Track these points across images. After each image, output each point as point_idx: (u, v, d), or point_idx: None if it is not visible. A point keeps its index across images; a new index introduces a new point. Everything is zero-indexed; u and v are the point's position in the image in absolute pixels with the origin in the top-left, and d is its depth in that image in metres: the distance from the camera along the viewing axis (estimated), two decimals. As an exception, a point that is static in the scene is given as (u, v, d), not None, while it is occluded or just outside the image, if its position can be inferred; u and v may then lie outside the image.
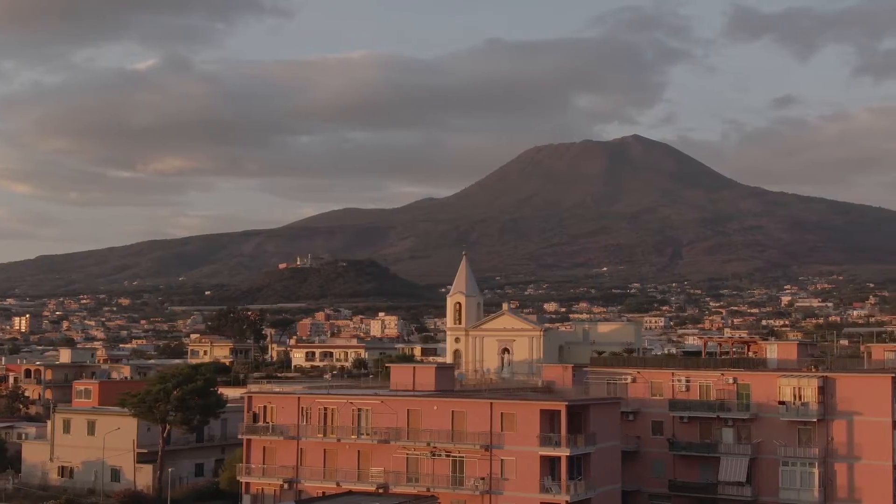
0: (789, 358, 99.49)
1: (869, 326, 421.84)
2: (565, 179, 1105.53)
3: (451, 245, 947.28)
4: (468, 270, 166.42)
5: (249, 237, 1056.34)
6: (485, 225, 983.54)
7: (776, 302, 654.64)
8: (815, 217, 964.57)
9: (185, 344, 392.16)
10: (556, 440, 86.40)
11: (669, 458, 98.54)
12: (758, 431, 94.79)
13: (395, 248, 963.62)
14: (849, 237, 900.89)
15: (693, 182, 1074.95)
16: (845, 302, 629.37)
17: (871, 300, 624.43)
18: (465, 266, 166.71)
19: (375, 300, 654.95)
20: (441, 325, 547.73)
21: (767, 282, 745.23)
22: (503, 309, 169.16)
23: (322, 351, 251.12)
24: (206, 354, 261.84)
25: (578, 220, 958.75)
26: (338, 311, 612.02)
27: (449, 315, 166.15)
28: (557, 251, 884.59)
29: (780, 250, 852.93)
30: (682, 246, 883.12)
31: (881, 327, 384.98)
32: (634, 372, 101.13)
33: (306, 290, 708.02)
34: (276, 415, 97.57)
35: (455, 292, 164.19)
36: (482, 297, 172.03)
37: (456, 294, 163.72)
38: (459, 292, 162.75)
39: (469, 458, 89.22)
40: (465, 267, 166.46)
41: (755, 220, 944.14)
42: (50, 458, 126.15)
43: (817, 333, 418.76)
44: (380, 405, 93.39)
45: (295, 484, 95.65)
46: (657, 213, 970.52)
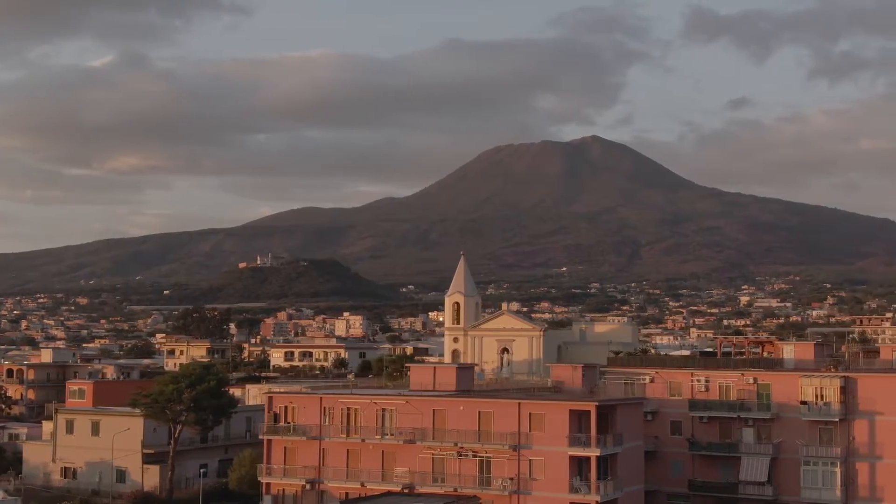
0: (806, 358, 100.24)
1: (831, 326, 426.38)
2: (525, 180, 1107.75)
3: (411, 245, 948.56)
4: (466, 270, 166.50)
5: (207, 236, 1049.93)
6: (445, 225, 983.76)
7: (735, 302, 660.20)
8: (772, 218, 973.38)
9: (151, 343, 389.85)
10: (585, 440, 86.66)
11: (688, 458, 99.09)
12: (778, 431, 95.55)
13: (355, 247, 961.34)
14: (805, 238, 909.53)
15: (651, 183, 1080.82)
16: (804, 302, 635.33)
17: (829, 300, 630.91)
18: (464, 266, 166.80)
19: (337, 300, 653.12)
20: (406, 324, 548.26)
21: (725, 282, 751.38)
22: (503, 309, 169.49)
23: (301, 351, 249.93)
24: (181, 354, 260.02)
25: (538, 221, 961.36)
26: (300, 311, 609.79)
27: (447, 315, 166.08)
28: (517, 251, 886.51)
29: (737, 251, 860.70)
30: (640, 246, 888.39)
31: (847, 327, 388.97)
32: (653, 372, 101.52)
33: (267, 289, 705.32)
34: (298, 415, 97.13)
35: (453, 292, 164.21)
36: (478, 297, 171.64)
37: (454, 294, 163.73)
38: (458, 292, 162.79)
39: (496, 458, 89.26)
40: (464, 267, 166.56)
41: (712, 220, 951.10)
42: (52, 459, 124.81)
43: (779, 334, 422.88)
44: (404, 405, 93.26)
45: (317, 484, 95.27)
46: (616, 213, 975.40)
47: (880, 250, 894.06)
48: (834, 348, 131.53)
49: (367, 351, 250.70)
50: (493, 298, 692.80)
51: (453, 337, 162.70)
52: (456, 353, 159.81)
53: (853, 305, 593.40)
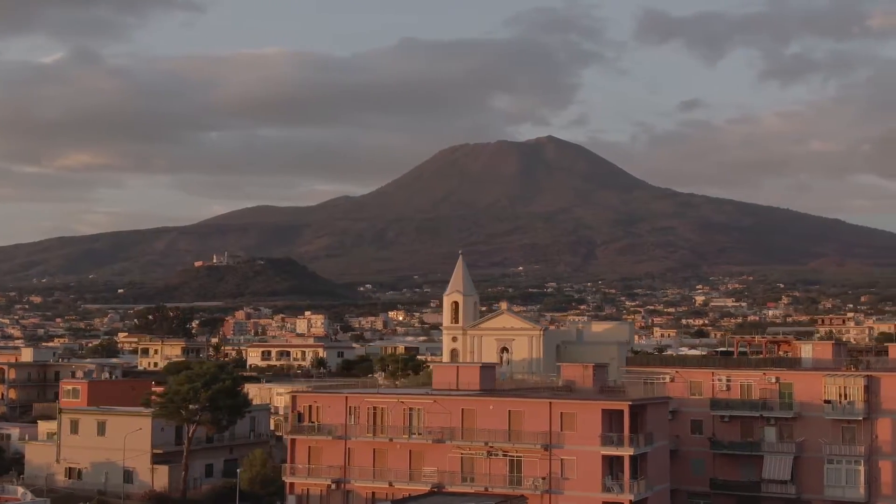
0: (824, 357, 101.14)
1: (791, 326, 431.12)
2: (481, 179, 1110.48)
3: (368, 244, 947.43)
4: (465, 270, 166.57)
5: (160, 234, 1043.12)
6: (401, 224, 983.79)
7: (689, 301, 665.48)
8: (724, 218, 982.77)
9: (115, 343, 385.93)
10: (617, 440, 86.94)
11: (709, 457, 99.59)
12: (800, 430, 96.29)
13: (311, 246, 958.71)
14: (757, 238, 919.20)
15: (606, 183, 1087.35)
16: (759, 302, 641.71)
17: (784, 300, 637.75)
18: (462, 265, 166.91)
19: (294, 299, 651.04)
20: (366, 324, 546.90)
21: (679, 282, 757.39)
22: (502, 308, 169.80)
23: (279, 350, 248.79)
24: (156, 354, 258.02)
25: (494, 220, 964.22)
26: (258, 310, 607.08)
27: (445, 314, 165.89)
28: (474, 250, 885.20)
29: (690, 251, 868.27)
30: (595, 246, 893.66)
31: (809, 327, 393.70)
32: (673, 371, 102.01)
33: (223, 288, 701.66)
34: (323, 414, 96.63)
35: (452, 291, 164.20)
36: (476, 296, 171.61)
37: (453, 293, 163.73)
38: (457, 291, 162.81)
39: (527, 457, 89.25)
40: (462, 266, 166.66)
41: (666, 221, 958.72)
42: (56, 460, 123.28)
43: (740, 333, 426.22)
44: (432, 404, 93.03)
45: (343, 484, 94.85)
46: (571, 213, 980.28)
47: (832, 251, 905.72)
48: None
49: (345, 350, 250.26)
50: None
51: (452, 336, 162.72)
52: (454, 352, 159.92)
53: (808, 305, 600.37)
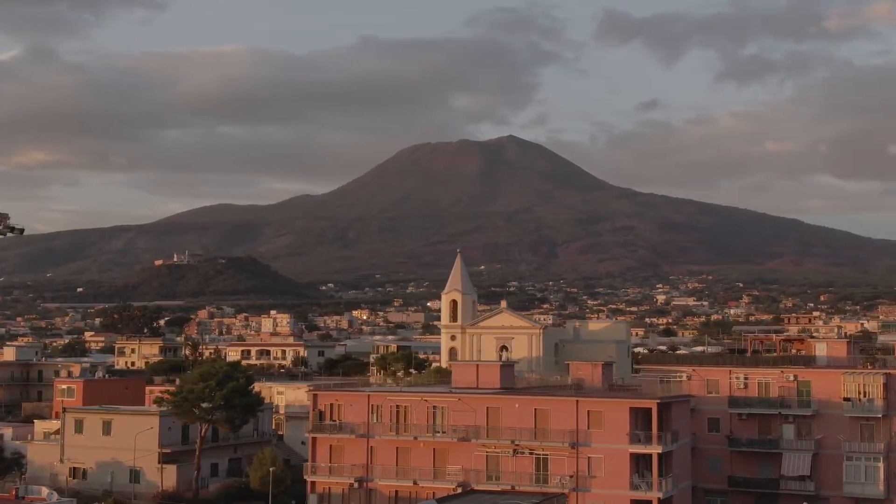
0: (838, 355, 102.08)
1: (755, 325, 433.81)
2: (443, 178, 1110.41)
3: (329, 242, 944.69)
4: (463, 268, 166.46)
5: (118, 233, 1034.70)
6: (363, 223, 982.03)
7: (651, 300, 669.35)
8: (684, 218, 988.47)
9: (83, 342, 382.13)
10: (645, 438, 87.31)
11: (726, 455, 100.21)
12: (818, 427, 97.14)
13: (272, 245, 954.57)
14: (716, 238, 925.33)
15: (566, 183, 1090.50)
16: (719, 301, 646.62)
17: (745, 299, 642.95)
18: (460, 264, 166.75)
19: (255, 298, 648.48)
20: (331, 322, 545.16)
21: (640, 281, 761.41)
22: (501, 307, 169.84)
23: (259, 349, 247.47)
24: (133, 353, 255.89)
25: (456, 219, 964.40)
26: (220, 309, 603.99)
27: (444, 313, 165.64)
28: (436, 249, 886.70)
29: (650, 250, 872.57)
30: (556, 245, 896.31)
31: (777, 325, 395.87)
32: (689, 370, 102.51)
33: (184, 287, 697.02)
34: (344, 413, 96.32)
35: (450, 290, 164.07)
36: (475, 294, 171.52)
37: (451, 292, 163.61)
38: (455, 290, 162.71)
39: (554, 455, 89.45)
40: (460, 265, 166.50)
41: (626, 220, 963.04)
42: (60, 460, 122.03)
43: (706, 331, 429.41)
44: (457, 403, 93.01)
45: (366, 483, 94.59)
46: (532, 212, 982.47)
47: (790, 250, 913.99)
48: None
49: (325, 349, 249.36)
50: (415, 297, 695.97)
51: (450, 335, 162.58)
52: (453, 350, 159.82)
53: (769, 304, 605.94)
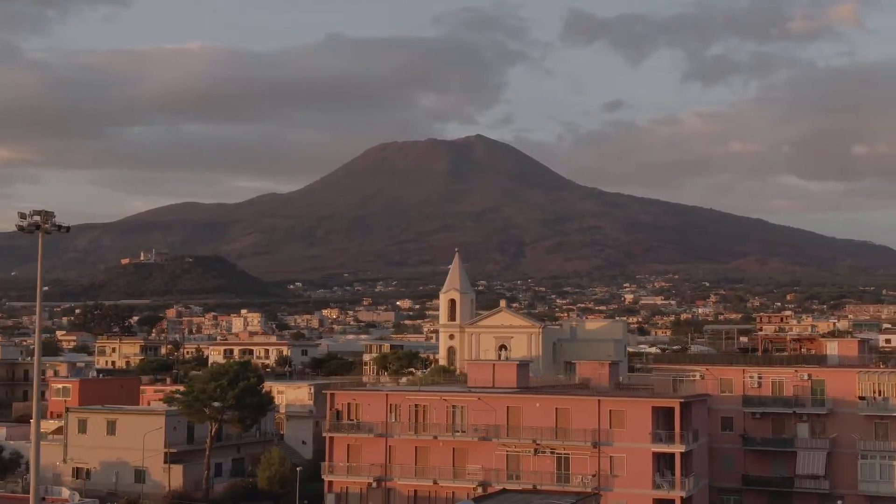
0: (849, 354, 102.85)
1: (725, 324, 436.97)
2: (411, 177, 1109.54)
3: (296, 241, 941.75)
4: (461, 267, 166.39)
5: (83, 231, 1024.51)
6: (331, 221, 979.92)
7: (619, 299, 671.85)
8: (650, 218, 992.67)
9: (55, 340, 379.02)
10: (667, 437, 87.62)
11: (740, 454, 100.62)
12: (832, 426, 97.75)
13: (239, 243, 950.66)
14: (682, 238, 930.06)
15: (534, 182, 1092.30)
16: (687, 300, 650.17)
17: (712, 298, 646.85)
18: (458, 263, 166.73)
19: (223, 297, 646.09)
20: (301, 322, 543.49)
21: (607, 280, 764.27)
22: (501, 306, 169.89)
23: (241, 349, 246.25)
24: (114, 352, 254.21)
25: (424, 218, 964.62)
26: (188, 308, 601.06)
27: (442, 312, 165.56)
28: (404, 248, 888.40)
29: (617, 250, 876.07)
30: (524, 245, 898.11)
31: (748, 325, 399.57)
32: (703, 369, 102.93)
33: (151, 285, 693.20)
34: (362, 412, 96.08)
35: (449, 289, 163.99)
36: (473, 294, 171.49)
37: (450, 291, 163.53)
38: (454, 289, 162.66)
39: (575, 455, 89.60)
40: (458, 264, 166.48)
41: (593, 220, 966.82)
42: (63, 460, 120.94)
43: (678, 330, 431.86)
44: (476, 402, 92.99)
45: (384, 482, 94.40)
46: (500, 212, 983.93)
47: (754, 250, 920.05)
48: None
49: (309, 348, 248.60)
50: (384, 296, 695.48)
51: (449, 334, 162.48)
52: (451, 349, 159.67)
53: (737, 303, 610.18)
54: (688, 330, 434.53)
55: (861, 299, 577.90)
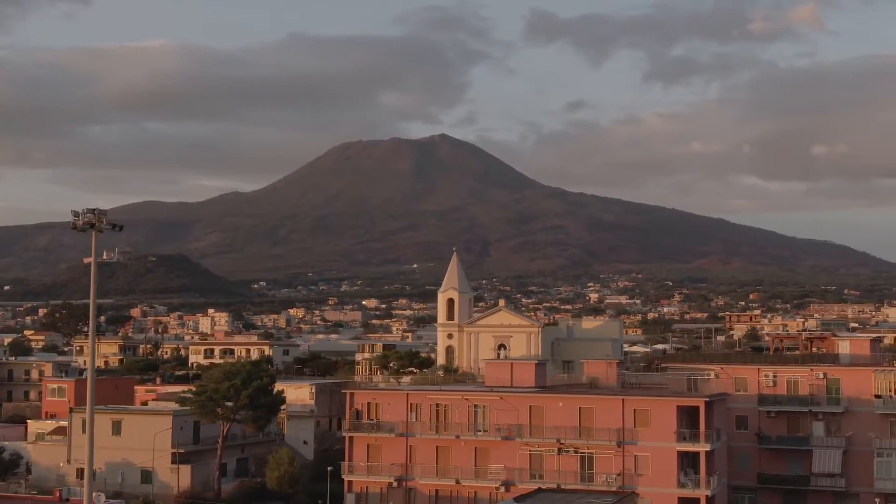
0: (862, 353, 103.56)
1: (692, 323, 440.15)
2: (375, 176, 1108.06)
3: (260, 240, 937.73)
4: (459, 267, 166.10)
5: (43, 230, 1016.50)
6: (294, 221, 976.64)
7: (584, 299, 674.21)
8: (613, 218, 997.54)
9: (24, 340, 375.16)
10: (691, 436, 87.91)
11: (755, 452, 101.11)
12: (847, 424, 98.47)
13: (201, 242, 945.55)
14: (644, 237, 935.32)
15: (498, 182, 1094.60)
16: (652, 299, 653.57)
17: (676, 297, 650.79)
18: (456, 262, 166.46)
19: (187, 296, 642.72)
20: (268, 321, 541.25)
21: (571, 279, 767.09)
22: (500, 305, 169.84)
23: (222, 348, 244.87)
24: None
25: (388, 218, 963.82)
26: (153, 308, 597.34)
27: (440, 311, 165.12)
28: (368, 248, 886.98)
29: (581, 249, 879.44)
30: (489, 244, 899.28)
31: (717, 323, 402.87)
32: (717, 368, 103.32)
33: (114, 285, 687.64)
34: (383, 412, 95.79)
35: (447, 288, 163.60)
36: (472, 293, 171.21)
37: (448, 290, 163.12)
38: (452, 288, 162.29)
39: (599, 454, 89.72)
40: (456, 263, 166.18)
41: (557, 219, 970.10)
42: (67, 460, 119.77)
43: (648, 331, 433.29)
44: (498, 402, 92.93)
45: (405, 482, 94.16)
46: (465, 211, 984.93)
47: (716, 249, 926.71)
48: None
49: (290, 348, 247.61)
50: (349, 295, 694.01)
51: (447, 333, 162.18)
52: (450, 349, 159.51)
53: (701, 302, 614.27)
54: (657, 329, 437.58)
55: (825, 299, 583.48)
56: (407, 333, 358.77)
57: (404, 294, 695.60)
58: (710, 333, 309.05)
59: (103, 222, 60.23)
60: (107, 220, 60.75)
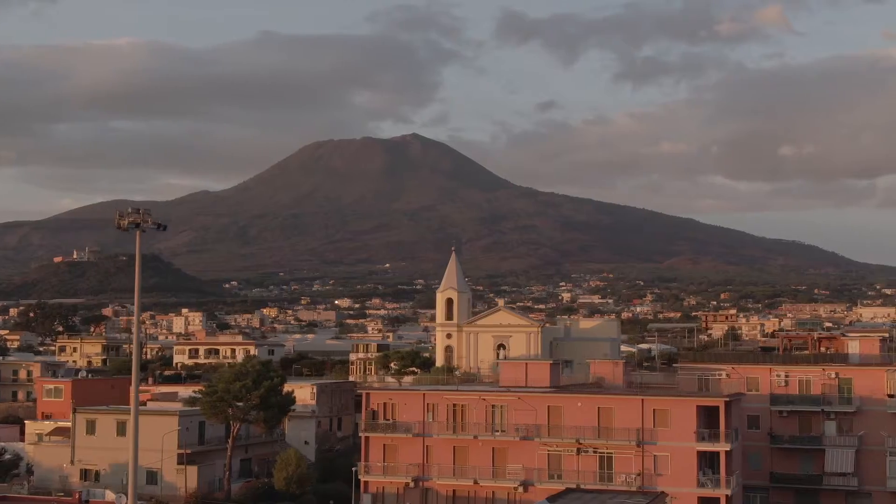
0: (871, 353, 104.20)
1: (667, 322, 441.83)
2: (346, 176, 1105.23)
3: (230, 239, 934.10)
4: (458, 266, 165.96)
5: (11, 229, 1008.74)
6: (265, 220, 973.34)
7: (556, 298, 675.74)
8: (584, 217, 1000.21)
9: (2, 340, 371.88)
10: (710, 435, 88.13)
11: (766, 451, 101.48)
12: (860, 424, 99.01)
13: (171, 242, 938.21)
14: (615, 237, 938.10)
15: (470, 181, 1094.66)
16: (624, 299, 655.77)
17: (648, 297, 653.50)
18: (455, 262, 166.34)
19: (158, 296, 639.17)
20: (242, 321, 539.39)
21: (543, 279, 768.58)
22: (499, 305, 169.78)
23: (207, 348, 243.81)
24: (75, 352, 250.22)
25: (360, 217, 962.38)
26: (124, 307, 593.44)
27: (439, 311, 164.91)
28: (340, 247, 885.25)
29: (552, 249, 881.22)
30: (461, 243, 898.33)
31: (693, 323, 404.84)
32: (729, 367, 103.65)
33: (84, 284, 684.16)
34: (399, 412, 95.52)
35: (446, 288, 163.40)
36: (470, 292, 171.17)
37: (447, 290, 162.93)
38: (451, 288, 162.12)
39: (618, 454, 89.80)
40: (455, 263, 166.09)
41: (528, 219, 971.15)
42: (71, 461, 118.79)
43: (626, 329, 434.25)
44: (516, 401, 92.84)
45: (422, 482, 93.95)
46: (436, 210, 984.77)
47: (686, 249, 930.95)
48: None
49: (275, 348, 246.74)
50: (322, 294, 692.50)
51: (446, 333, 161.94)
52: (449, 349, 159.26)
53: (673, 302, 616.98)
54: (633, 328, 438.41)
55: (795, 298, 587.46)
56: (388, 333, 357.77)
57: (377, 294, 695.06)
58: (690, 333, 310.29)
59: (148, 222, 59.55)
60: (152, 219, 60.06)
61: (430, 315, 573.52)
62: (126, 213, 60.97)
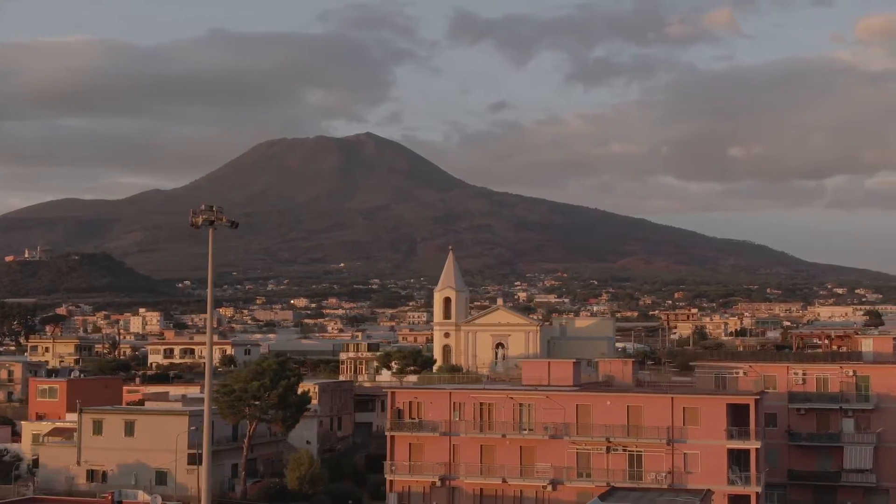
0: (884, 351, 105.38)
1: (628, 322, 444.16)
2: (299, 175, 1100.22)
3: (182, 239, 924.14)
4: (455, 266, 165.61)
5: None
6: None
7: (512, 297, 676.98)
8: (538, 217, 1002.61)
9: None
10: (739, 433, 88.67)
11: (784, 449, 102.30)
12: (878, 421, 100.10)
13: (123, 241, 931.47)
14: (568, 237, 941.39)
15: (424, 181, 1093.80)
16: (580, 298, 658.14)
17: (604, 296, 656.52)
18: (452, 261, 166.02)
19: (111, 296, 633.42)
20: (199, 321, 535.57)
21: (498, 278, 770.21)
22: (498, 304, 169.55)
23: (182, 348, 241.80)
24: (47, 352, 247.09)
25: (314, 216, 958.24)
26: (78, 307, 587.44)
27: (436, 310, 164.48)
28: (294, 246, 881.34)
29: (507, 248, 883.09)
30: (416, 243, 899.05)
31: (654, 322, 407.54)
32: (746, 366, 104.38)
33: (36, 284, 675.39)
34: (425, 411, 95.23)
35: (444, 287, 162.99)
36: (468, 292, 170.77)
37: (445, 289, 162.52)
38: (449, 287, 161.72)
39: (648, 452, 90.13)
40: (452, 262, 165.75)
41: (483, 219, 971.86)
42: (77, 462, 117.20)
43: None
44: (544, 400, 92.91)
45: (449, 481, 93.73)
46: (391, 210, 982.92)
47: (638, 249, 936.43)
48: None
49: (251, 347, 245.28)
50: (277, 294, 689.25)
51: (444, 332, 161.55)
52: (447, 348, 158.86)
53: (629, 301, 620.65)
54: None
55: (749, 297, 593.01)
56: (357, 332, 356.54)
57: (332, 293, 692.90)
58: (658, 332, 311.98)
59: (222, 220, 58.85)
60: (224, 218, 59.33)
61: (389, 315, 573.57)
62: (199, 211, 59.97)
